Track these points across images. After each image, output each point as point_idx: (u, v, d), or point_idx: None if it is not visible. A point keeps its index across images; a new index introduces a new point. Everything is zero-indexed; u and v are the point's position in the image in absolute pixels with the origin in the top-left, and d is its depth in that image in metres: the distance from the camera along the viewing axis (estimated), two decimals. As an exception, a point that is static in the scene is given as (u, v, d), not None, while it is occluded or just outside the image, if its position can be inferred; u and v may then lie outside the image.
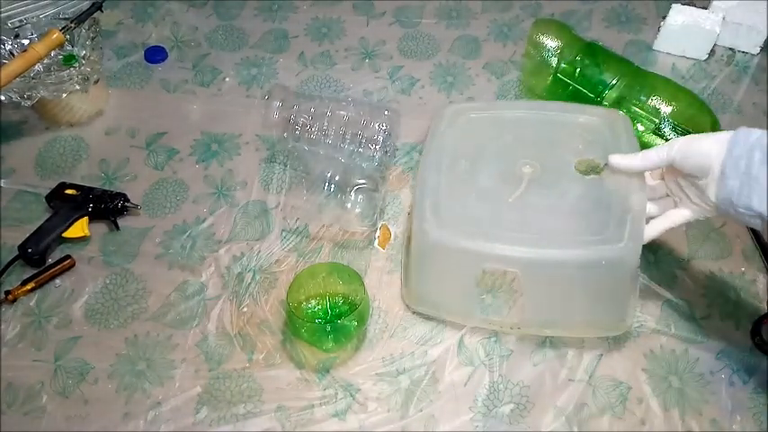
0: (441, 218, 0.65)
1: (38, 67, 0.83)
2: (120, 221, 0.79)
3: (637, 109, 0.81)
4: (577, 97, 0.84)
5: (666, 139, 0.79)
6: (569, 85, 0.84)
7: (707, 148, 0.56)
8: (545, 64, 0.85)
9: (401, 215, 0.80)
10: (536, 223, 0.65)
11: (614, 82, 0.83)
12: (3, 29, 0.87)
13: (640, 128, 0.81)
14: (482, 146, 0.72)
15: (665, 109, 0.79)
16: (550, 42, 0.84)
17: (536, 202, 0.67)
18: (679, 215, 0.63)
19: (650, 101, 0.80)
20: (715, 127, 0.80)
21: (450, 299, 0.70)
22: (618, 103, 0.82)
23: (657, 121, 0.80)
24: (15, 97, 0.82)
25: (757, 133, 0.54)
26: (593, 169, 0.67)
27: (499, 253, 0.63)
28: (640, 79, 0.83)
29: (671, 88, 0.82)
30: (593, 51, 0.85)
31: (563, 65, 0.84)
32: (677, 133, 0.79)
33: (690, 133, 0.75)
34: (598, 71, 0.84)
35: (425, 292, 0.71)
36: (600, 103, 0.82)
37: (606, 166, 0.64)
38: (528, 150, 0.71)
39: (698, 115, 0.80)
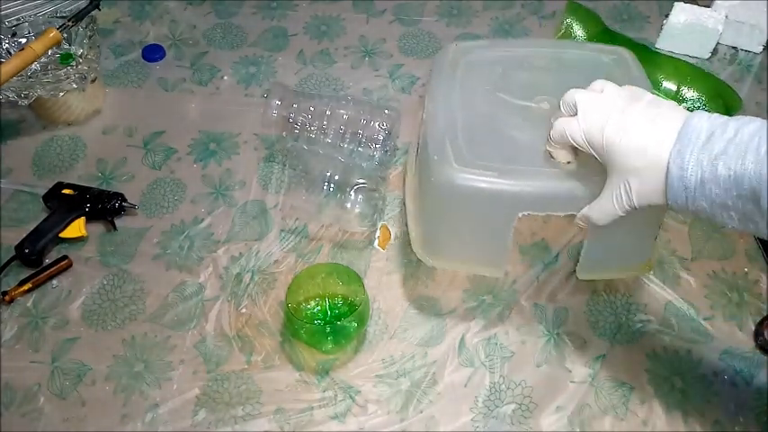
0: (463, 157, 0.59)
1: (35, 65, 0.83)
2: (118, 221, 0.78)
3: (656, 92, 0.80)
4: None
5: None
6: None
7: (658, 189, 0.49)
8: None
9: (401, 215, 0.79)
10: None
11: None
12: (0, 27, 0.87)
13: None
14: (494, 83, 0.67)
15: (686, 92, 0.78)
16: (576, 25, 0.84)
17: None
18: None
19: (669, 84, 0.79)
20: (739, 106, 0.78)
21: (479, 249, 0.65)
22: None
23: (678, 103, 0.79)
24: (12, 96, 0.81)
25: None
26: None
27: (537, 192, 0.58)
28: (659, 63, 0.82)
29: (691, 71, 0.82)
30: (613, 36, 0.85)
31: None
32: None
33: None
34: None
35: (447, 244, 0.66)
36: None
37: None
38: (542, 87, 0.66)
39: (719, 96, 0.79)
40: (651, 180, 0.49)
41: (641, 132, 0.50)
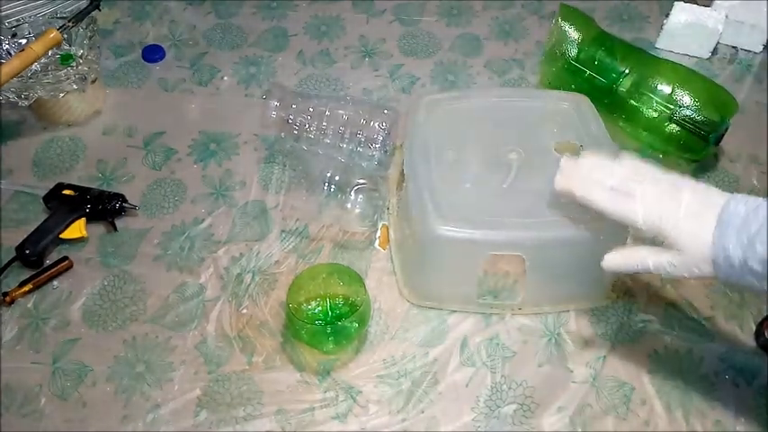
0: (442, 211, 0.65)
1: (35, 66, 0.83)
2: (118, 222, 0.78)
3: (651, 95, 0.80)
4: (591, 85, 0.83)
5: (683, 128, 0.79)
6: (584, 72, 0.84)
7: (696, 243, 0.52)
8: (562, 50, 0.85)
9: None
10: (532, 206, 0.66)
11: (628, 70, 0.82)
12: (0, 28, 0.87)
13: (654, 115, 0.80)
14: (463, 135, 0.73)
15: (681, 96, 0.79)
16: (570, 29, 0.84)
17: (526, 186, 0.68)
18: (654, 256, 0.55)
19: (665, 88, 0.80)
20: (734, 110, 0.79)
21: (455, 289, 0.70)
22: (633, 91, 0.81)
23: (672, 107, 0.79)
24: (13, 97, 0.81)
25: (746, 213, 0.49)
26: (572, 150, 0.69)
27: (506, 240, 0.65)
28: (654, 67, 0.82)
29: (687, 75, 0.82)
30: (608, 40, 0.85)
31: (579, 52, 0.85)
32: (691, 124, 0.79)
33: (704, 125, 0.78)
34: (612, 59, 0.83)
35: (429, 287, 0.71)
36: (615, 91, 0.82)
37: (582, 147, 0.69)
38: (508, 137, 0.72)
39: (715, 99, 0.79)
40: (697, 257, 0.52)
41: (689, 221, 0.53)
